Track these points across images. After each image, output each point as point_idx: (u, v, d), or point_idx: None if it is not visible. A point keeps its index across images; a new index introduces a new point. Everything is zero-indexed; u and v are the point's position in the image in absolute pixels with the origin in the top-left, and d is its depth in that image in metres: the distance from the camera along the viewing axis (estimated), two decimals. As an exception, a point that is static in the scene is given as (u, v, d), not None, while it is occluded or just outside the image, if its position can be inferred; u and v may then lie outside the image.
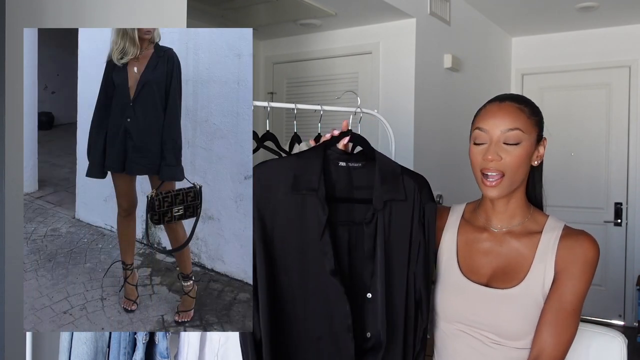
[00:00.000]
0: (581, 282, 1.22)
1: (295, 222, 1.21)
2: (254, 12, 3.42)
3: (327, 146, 1.28)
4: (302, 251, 1.21)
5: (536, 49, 4.82)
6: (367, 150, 1.29)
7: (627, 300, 4.45)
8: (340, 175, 1.27)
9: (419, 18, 3.42)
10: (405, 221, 1.27)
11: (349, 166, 1.27)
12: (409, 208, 1.28)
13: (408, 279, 1.27)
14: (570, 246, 1.24)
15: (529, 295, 1.24)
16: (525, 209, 1.34)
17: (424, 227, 1.28)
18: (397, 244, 1.26)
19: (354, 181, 1.27)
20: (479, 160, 1.27)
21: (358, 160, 1.28)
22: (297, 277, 1.21)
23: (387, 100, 3.52)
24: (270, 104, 1.64)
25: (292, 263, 1.21)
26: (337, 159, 1.27)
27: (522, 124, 1.24)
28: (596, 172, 4.56)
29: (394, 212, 1.26)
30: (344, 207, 1.25)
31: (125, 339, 1.34)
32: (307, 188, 1.20)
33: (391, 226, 1.25)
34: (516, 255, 1.29)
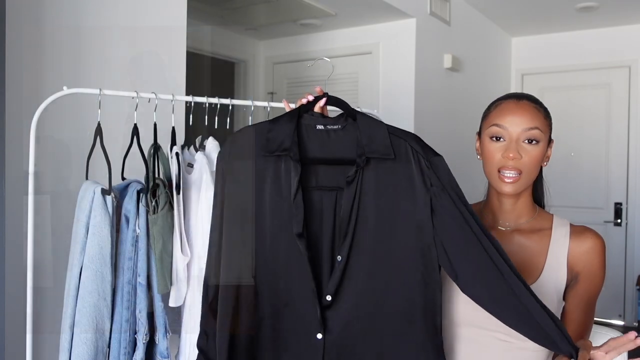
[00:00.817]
0: (600, 278, 1.28)
1: (269, 187, 1.18)
2: (254, 12, 3.41)
3: (302, 110, 1.23)
4: (275, 215, 1.18)
5: (536, 49, 4.82)
6: (347, 112, 1.22)
7: (627, 300, 4.45)
8: (319, 139, 1.21)
9: (419, 18, 3.42)
10: (397, 182, 1.17)
11: (327, 129, 1.21)
12: (402, 168, 1.17)
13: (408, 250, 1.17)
14: (583, 246, 1.28)
15: (544, 292, 1.24)
16: (532, 208, 1.35)
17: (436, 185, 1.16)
18: (387, 206, 1.17)
19: (334, 144, 1.21)
20: (497, 157, 1.26)
21: (337, 122, 1.22)
22: (267, 241, 1.18)
23: (387, 100, 3.52)
24: (270, 104, 1.63)
25: (263, 227, 1.18)
26: (315, 122, 1.22)
27: (540, 124, 1.25)
28: (596, 172, 4.56)
29: (381, 173, 1.17)
30: (327, 171, 1.20)
31: (126, 339, 1.34)
32: (280, 149, 1.17)
33: (377, 187, 1.17)
34: (528, 253, 1.29)
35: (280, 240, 1.18)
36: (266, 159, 1.18)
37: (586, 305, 1.26)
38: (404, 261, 1.17)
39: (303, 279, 1.16)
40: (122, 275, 1.34)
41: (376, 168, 1.17)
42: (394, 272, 1.17)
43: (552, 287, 1.25)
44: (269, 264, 1.19)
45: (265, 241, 1.19)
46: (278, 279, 1.19)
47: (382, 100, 3.54)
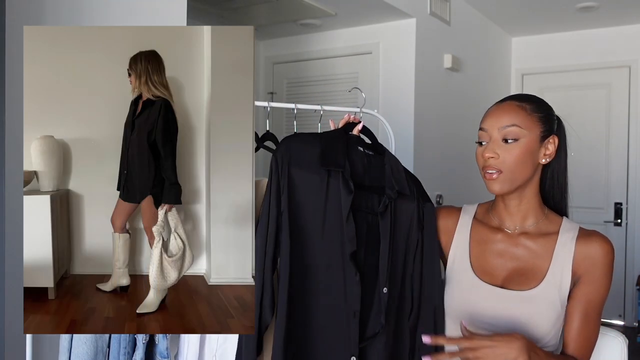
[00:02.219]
0: (603, 285, 1.23)
1: (319, 199, 1.19)
2: (254, 12, 3.41)
3: (346, 130, 1.29)
4: (322, 229, 1.19)
5: (536, 49, 4.82)
6: (376, 144, 1.31)
7: (627, 300, 4.45)
8: (359, 160, 1.27)
9: (419, 18, 3.42)
10: (406, 218, 1.27)
11: (365, 152, 1.28)
12: (410, 205, 1.28)
13: (404, 278, 1.27)
14: (588, 249, 1.24)
15: (547, 297, 1.23)
16: (539, 210, 1.31)
17: (422, 227, 1.28)
18: (400, 239, 1.26)
19: (369, 168, 1.27)
20: (480, 159, 1.27)
21: (370, 149, 1.30)
22: (315, 256, 1.19)
23: (387, 100, 3.52)
24: (270, 104, 1.63)
25: (312, 240, 1.19)
26: (356, 142, 1.28)
27: (520, 121, 1.23)
28: (596, 172, 4.56)
29: (398, 207, 1.26)
30: (360, 194, 1.24)
31: (125, 339, 1.34)
32: (335, 164, 1.19)
33: (396, 220, 1.26)
34: (532, 257, 1.28)
35: (326, 256, 1.20)
36: (319, 171, 1.20)
37: (585, 312, 1.22)
38: (405, 290, 1.29)
39: (347, 299, 1.19)
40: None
41: (398, 202, 1.27)
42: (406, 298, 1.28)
43: (554, 293, 1.23)
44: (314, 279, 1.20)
45: (313, 255, 1.20)
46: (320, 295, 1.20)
47: (382, 100, 3.54)
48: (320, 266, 1.19)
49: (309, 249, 1.18)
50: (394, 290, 1.25)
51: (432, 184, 3.57)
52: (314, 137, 1.23)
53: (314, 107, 1.69)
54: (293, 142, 1.21)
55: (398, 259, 1.26)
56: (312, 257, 1.19)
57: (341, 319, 1.18)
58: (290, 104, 1.64)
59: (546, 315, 1.22)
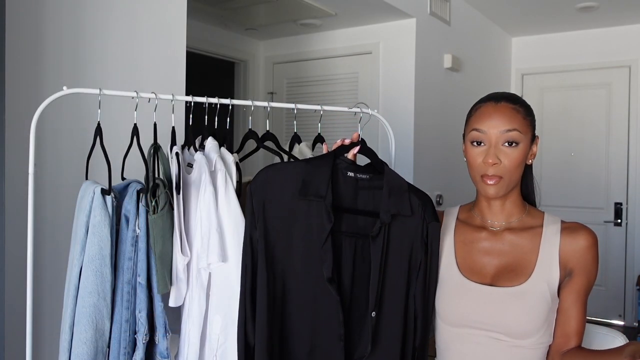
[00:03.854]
0: (593, 273, 1.28)
1: (299, 228, 1.20)
2: (254, 12, 3.41)
3: (337, 155, 1.27)
4: (304, 257, 1.20)
5: (536, 49, 4.82)
6: (376, 163, 1.28)
7: (627, 300, 4.45)
8: (348, 186, 1.26)
9: (419, 18, 3.42)
10: (408, 238, 1.26)
11: (357, 177, 1.26)
12: (413, 225, 1.27)
13: (407, 298, 1.27)
14: (576, 243, 1.27)
15: (537, 291, 1.25)
16: (522, 207, 1.35)
17: (426, 246, 1.27)
18: (399, 261, 1.25)
19: (361, 193, 1.26)
20: (479, 162, 1.27)
21: (366, 172, 1.27)
22: (296, 283, 1.20)
23: (387, 100, 3.52)
24: (270, 104, 1.63)
25: (293, 269, 1.20)
26: (346, 168, 1.26)
27: (518, 125, 1.25)
28: (596, 172, 4.56)
29: (398, 228, 1.25)
30: (350, 218, 1.24)
31: (125, 339, 1.34)
32: (315, 195, 1.19)
33: (394, 242, 1.25)
34: (519, 252, 1.29)
35: (309, 283, 1.21)
36: (299, 201, 1.21)
37: (582, 301, 1.27)
38: (409, 310, 1.28)
39: (331, 324, 1.20)
40: (122, 276, 1.34)
41: (395, 223, 1.25)
42: (399, 320, 1.27)
43: (544, 285, 1.25)
44: (294, 306, 1.22)
45: (294, 283, 1.21)
46: (305, 321, 1.22)
47: (382, 100, 3.55)
48: (302, 291, 1.21)
49: (290, 278, 1.20)
50: (390, 313, 1.25)
51: (432, 184, 3.57)
52: (294, 166, 1.24)
53: (314, 107, 1.69)
54: (270, 173, 1.22)
55: (396, 282, 1.25)
56: (294, 284, 1.21)
57: (329, 343, 1.20)
58: (290, 104, 1.64)
59: (538, 309, 1.24)
